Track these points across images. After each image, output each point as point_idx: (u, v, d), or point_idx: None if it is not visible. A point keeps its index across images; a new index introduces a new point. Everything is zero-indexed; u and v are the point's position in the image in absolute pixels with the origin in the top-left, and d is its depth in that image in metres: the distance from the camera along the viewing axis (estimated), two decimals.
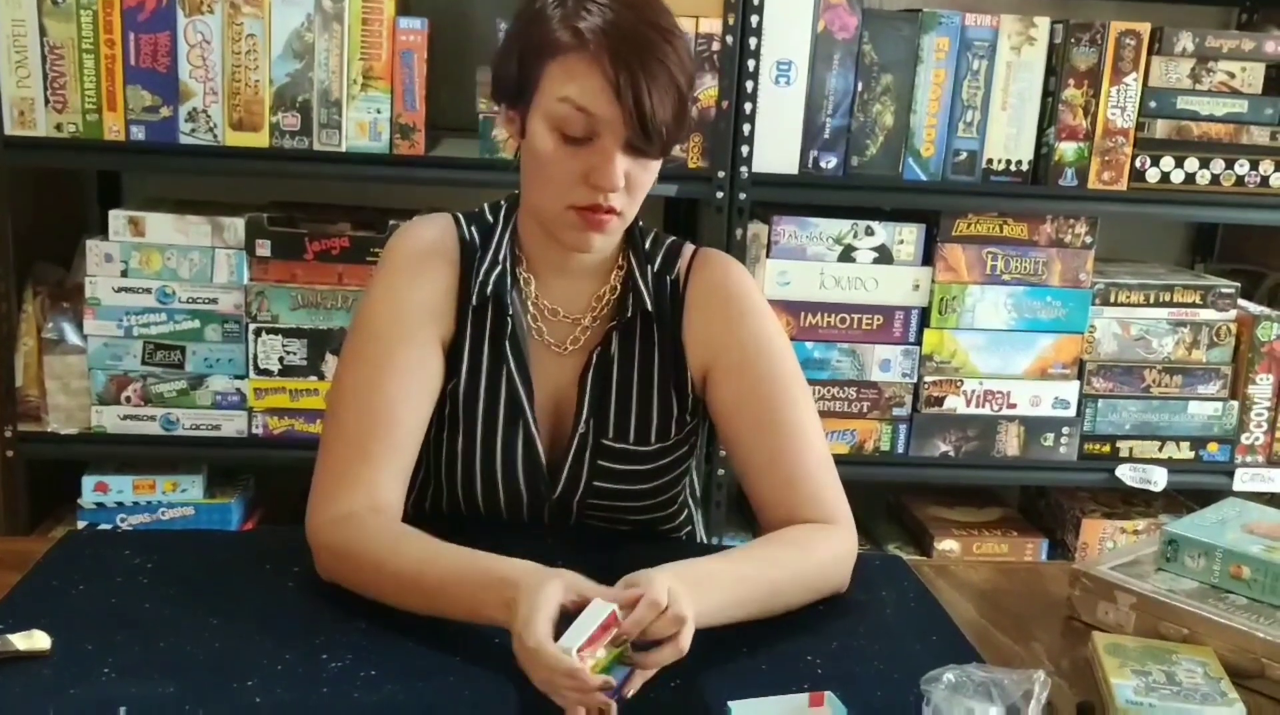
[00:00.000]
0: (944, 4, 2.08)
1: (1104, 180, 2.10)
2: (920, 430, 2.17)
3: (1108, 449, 2.22)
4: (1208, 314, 2.21)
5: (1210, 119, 2.09)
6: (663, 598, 0.98)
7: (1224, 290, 2.21)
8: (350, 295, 2.01)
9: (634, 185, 1.17)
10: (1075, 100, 2.07)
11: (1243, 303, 2.26)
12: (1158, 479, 2.21)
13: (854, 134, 2.05)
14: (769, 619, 1.15)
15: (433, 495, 1.33)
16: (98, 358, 2.00)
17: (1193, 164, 2.10)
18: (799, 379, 1.28)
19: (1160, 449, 2.22)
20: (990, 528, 2.36)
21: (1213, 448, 2.23)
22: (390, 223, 1.97)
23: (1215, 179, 2.12)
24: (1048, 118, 2.08)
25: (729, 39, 1.96)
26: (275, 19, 1.90)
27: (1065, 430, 2.19)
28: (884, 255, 2.11)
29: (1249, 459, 2.24)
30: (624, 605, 0.98)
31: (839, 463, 1.89)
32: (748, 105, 1.99)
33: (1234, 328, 2.21)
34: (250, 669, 1.04)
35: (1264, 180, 2.12)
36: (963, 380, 2.16)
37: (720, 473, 2.11)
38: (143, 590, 1.19)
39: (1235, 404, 2.22)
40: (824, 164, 2.05)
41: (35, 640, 1.05)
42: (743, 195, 2.02)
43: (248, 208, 2.03)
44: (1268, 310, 2.25)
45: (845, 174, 2.06)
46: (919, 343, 2.15)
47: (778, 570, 1.16)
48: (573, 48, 1.12)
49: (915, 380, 2.16)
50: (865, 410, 2.16)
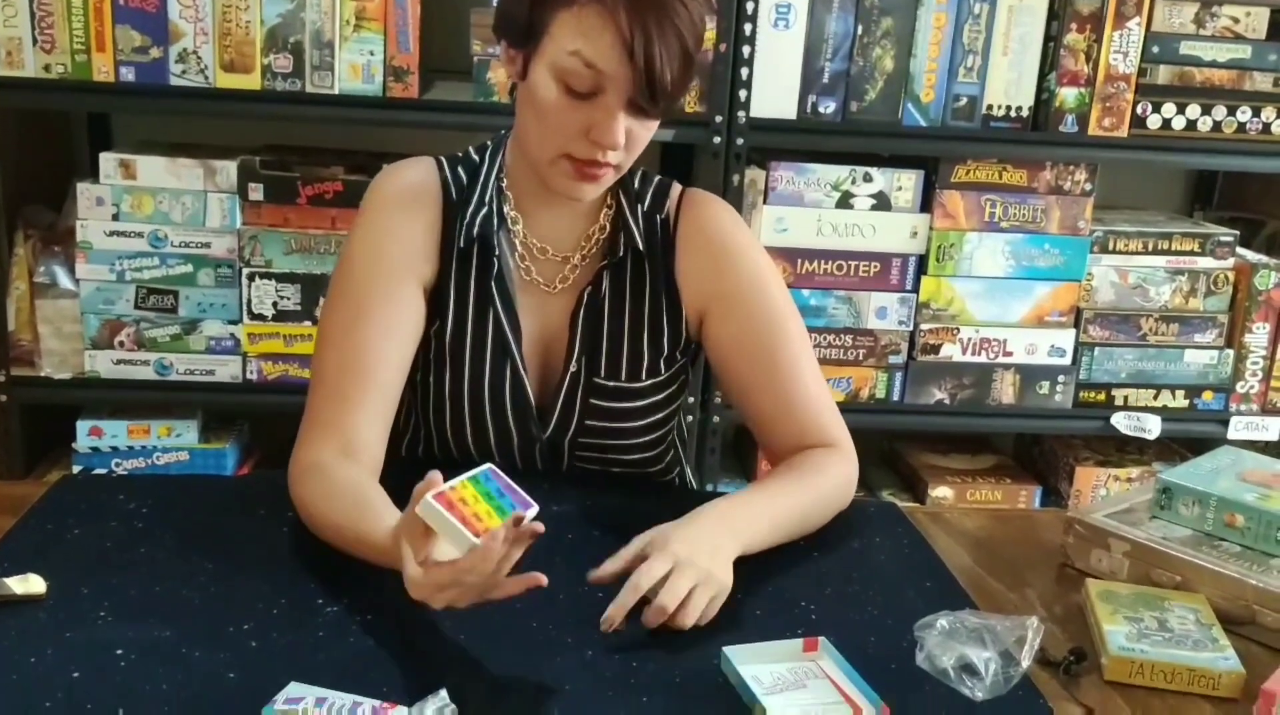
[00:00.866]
0: None
1: (1104, 127, 2.08)
2: (916, 378, 2.17)
3: (1103, 397, 2.22)
4: (1206, 262, 2.20)
5: (1213, 65, 2.07)
6: (656, 573, 1.03)
7: (1222, 238, 2.20)
8: (344, 239, 1.98)
9: (632, 141, 1.17)
10: (1077, 45, 2.04)
11: (1241, 251, 2.25)
12: (1152, 427, 2.21)
13: (853, 78, 2.02)
14: (762, 565, 1.16)
15: (424, 439, 1.34)
16: (90, 302, 1.98)
17: (1194, 110, 2.08)
18: (793, 312, 1.31)
19: (1155, 397, 2.22)
20: (984, 475, 2.37)
21: (1208, 396, 2.23)
22: (384, 166, 1.94)
23: (1217, 126, 2.10)
24: (1049, 63, 2.06)
25: None
26: None
27: (1061, 378, 2.19)
28: (882, 202, 2.10)
29: (1243, 407, 2.25)
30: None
31: None
32: (746, 49, 1.97)
33: (1231, 276, 2.21)
34: (246, 613, 1.04)
35: (1266, 127, 2.10)
36: (959, 328, 2.15)
37: (715, 421, 2.11)
38: (138, 534, 1.19)
39: (1231, 352, 2.22)
40: (822, 109, 2.03)
41: (31, 584, 1.05)
42: (740, 141, 2.00)
43: (239, 151, 2.01)
44: (1266, 258, 2.24)
45: (844, 119, 2.04)
46: (916, 290, 2.14)
47: (805, 496, 1.23)
48: (589, 0, 1.10)
49: (911, 328, 2.16)
50: (861, 357, 2.15)
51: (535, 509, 0.95)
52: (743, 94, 1.98)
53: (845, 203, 2.08)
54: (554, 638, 1.02)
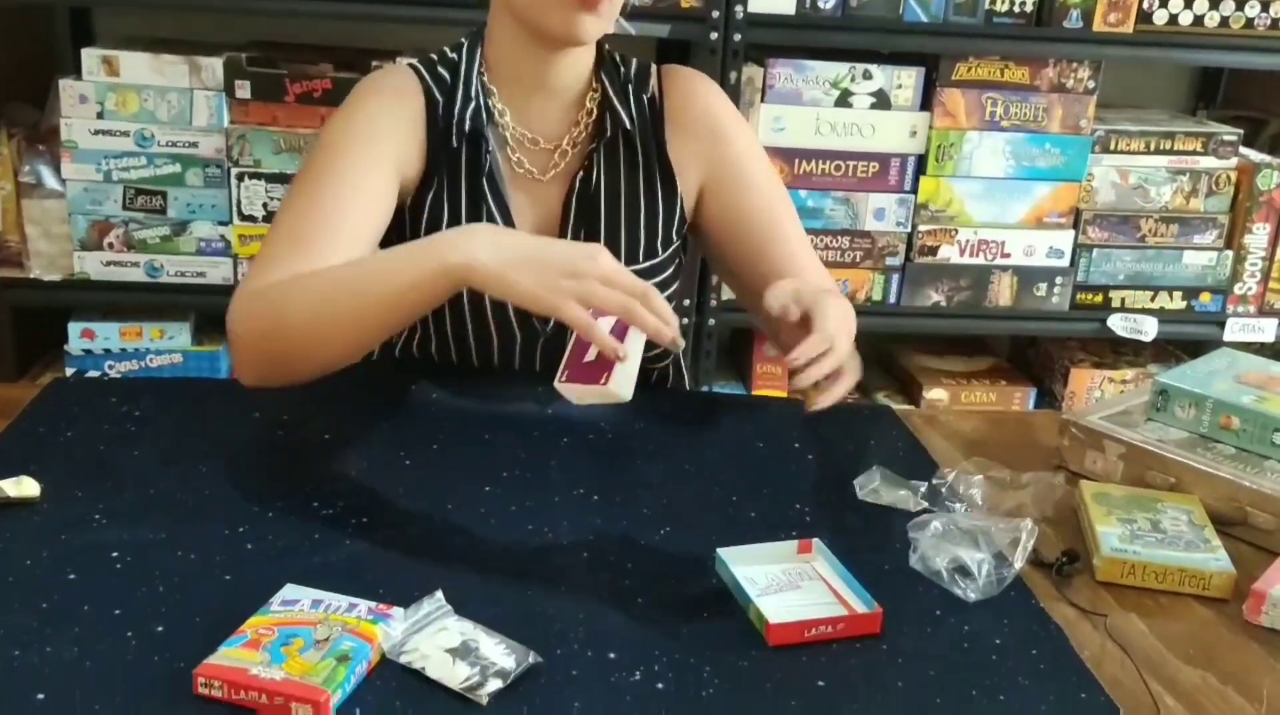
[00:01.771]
0: None
1: (1109, 22, 2.04)
2: (913, 280, 2.15)
3: (1100, 299, 2.21)
4: (1208, 162, 2.17)
5: None
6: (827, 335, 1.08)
7: (1226, 137, 2.17)
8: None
9: None
10: None
11: (1244, 150, 2.22)
12: (1148, 329, 2.20)
13: None
14: (757, 468, 1.16)
15: (420, 341, 1.32)
16: (77, 202, 1.96)
17: (1202, 5, 2.04)
18: (778, 182, 1.34)
19: (1153, 299, 2.21)
20: (979, 377, 2.37)
21: (1205, 298, 2.22)
22: (373, 64, 1.91)
23: (1224, 21, 2.05)
24: None
25: None
26: None
27: (1058, 280, 2.18)
28: (881, 100, 2.06)
29: (1240, 309, 2.24)
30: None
31: None
32: None
33: (1234, 176, 2.18)
34: (241, 515, 1.04)
35: (1274, 23, 2.06)
36: (957, 229, 2.13)
37: (711, 323, 2.10)
38: (131, 437, 1.18)
39: (1230, 254, 2.20)
40: (822, 4, 1.98)
41: (24, 487, 1.05)
42: (737, 36, 1.96)
43: (225, 48, 1.96)
44: (1268, 158, 2.21)
45: (844, 15, 1.99)
46: (914, 191, 2.11)
47: None
48: None
49: (909, 229, 2.13)
50: (858, 259, 2.14)
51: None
52: None
53: (844, 101, 2.05)
54: (549, 540, 1.02)
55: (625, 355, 0.97)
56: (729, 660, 0.88)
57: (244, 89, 1.92)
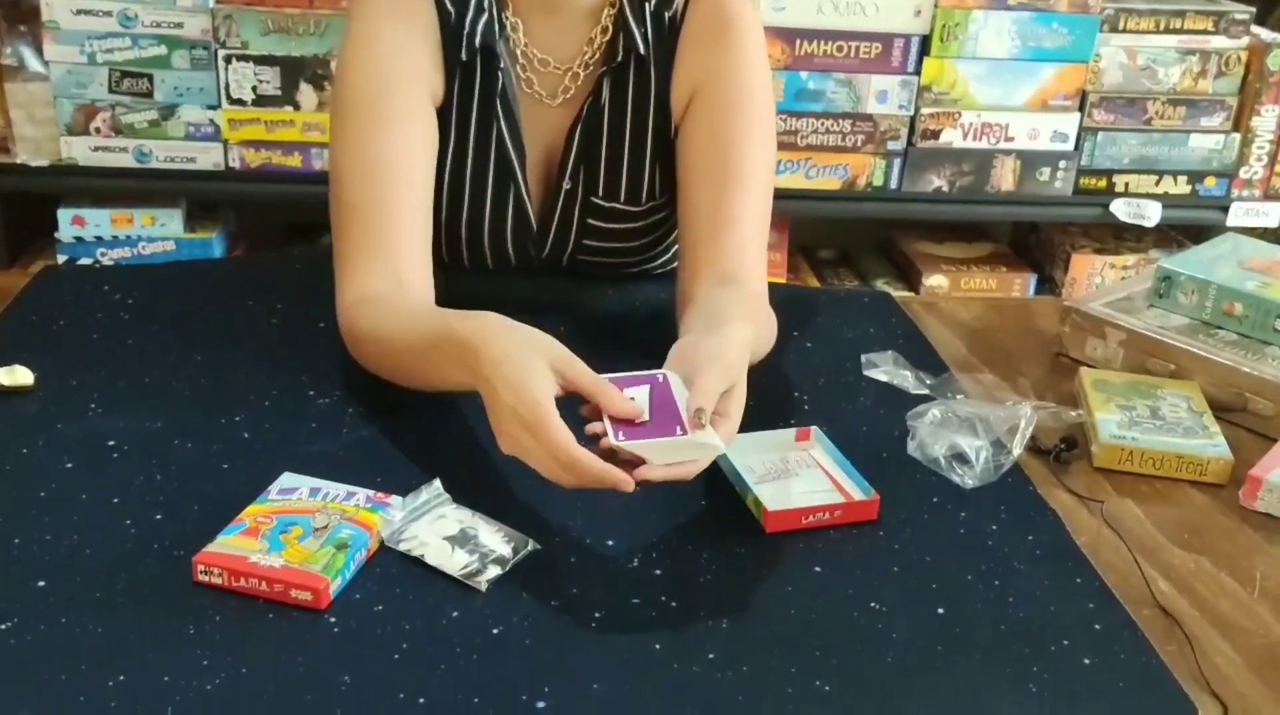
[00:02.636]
0: None
1: None
2: (914, 165, 2.12)
3: (1104, 183, 2.18)
4: (1219, 41, 2.12)
5: None
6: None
7: (1238, 16, 2.11)
8: (324, 20, 1.90)
9: None
10: None
11: (1255, 30, 2.16)
12: (1151, 214, 2.18)
13: None
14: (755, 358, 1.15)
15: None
16: (62, 86, 1.91)
17: None
18: (767, 128, 1.19)
19: (1157, 183, 2.19)
20: (979, 263, 2.35)
21: (1210, 182, 2.19)
22: None
23: None
24: None
25: None
26: None
27: (1062, 164, 2.15)
28: None
29: (1246, 193, 2.21)
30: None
31: (830, 198, 1.87)
32: None
33: (1244, 56, 2.13)
34: (237, 404, 1.04)
35: None
36: (961, 112, 2.09)
37: None
38: (124, 326, 1.18)
39: (1237, 137, 2.17)
40: None
41: (18, 376, 1.05)
42: None
43: None
44: None
45: None
46: (918, 73, 2.07)
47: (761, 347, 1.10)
48: None
49: (912, 112, 2.09)
50: (859, 144, 2.10)
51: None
52: None
53: None
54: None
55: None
56: (726, 547, 0.89)
57: None
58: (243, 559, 0.81)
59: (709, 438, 0.84)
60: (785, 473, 0.97)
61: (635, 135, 1.20)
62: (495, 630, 0.79)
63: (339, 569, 0.81)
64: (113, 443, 0.97)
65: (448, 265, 1.24)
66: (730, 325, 0.96)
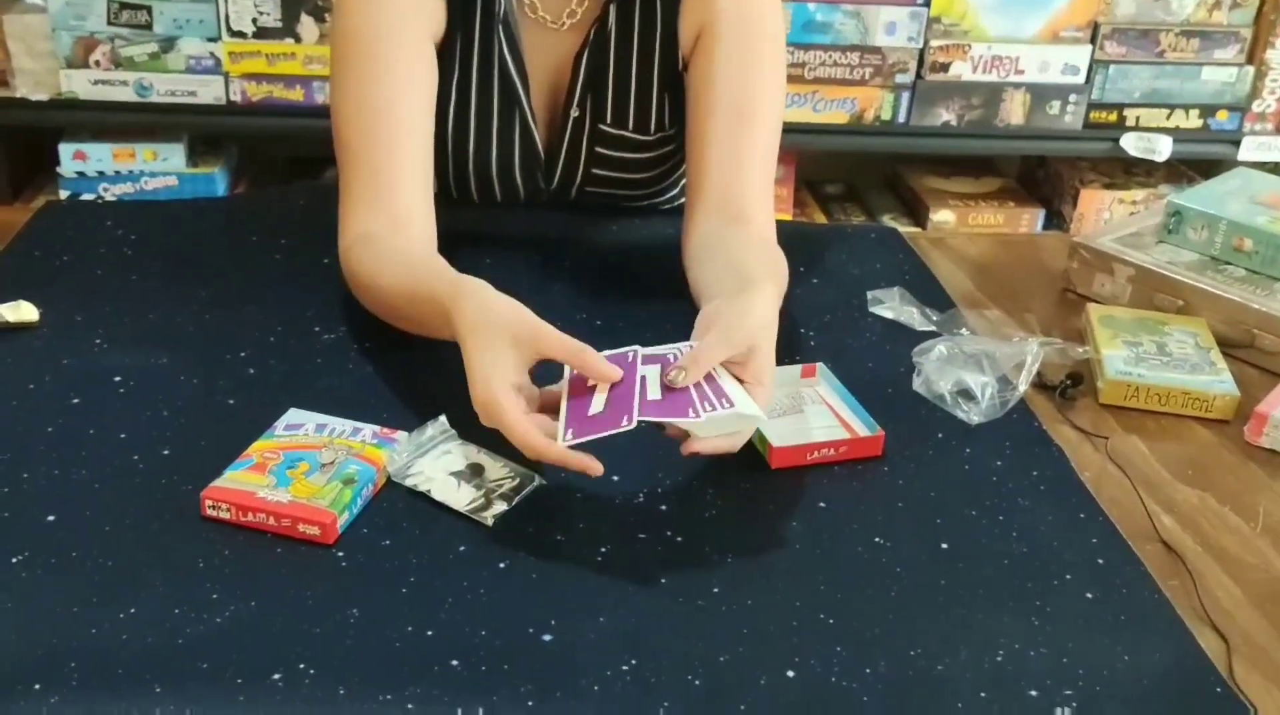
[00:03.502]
0: None
1: None
2: (923, 98, 2.10)
3: (1114, 117, 2.16)
4: None
5: None
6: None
7: None
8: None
9: None
10: None
11: None
12: (1162, 148, 2.16)
13: None
14: None
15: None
16: (60, 18, 1.89)
17: None
18: (777, 63, 1.17)
19: (1168, 117, 2.16)
20: (987, 198, 2.34)
21: (1222, 116, 2.17)
22: None
23: None
24: None
25: None
26: None
27: (1072, 98, 2.13)
28: None
29: (1258, 127, 2.19)
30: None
31: (837, 133, 1.85)
32: None
33: None
34: (242, 340, 1.04)
35: None
36: (970, 44, 2.07)
37: None
38: (128, 262, 1.17)
39: (1250, 69, 2.14)
40: None
41: (23, 311, 1.05)
42: None
43: None
44: None
45: None
46: (927, 4, 2.04)
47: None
48: None
49: (921, 45, 2.07)
50: (867, 77, 2.08)
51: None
52: None
53: None
54: (551, 367, 1.01)
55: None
56: (732, 483, 0.89)
57: None
58: (250, 494, 0.81)
59: (750, 408, 0.83)
60: (790, 409, 0.96)
61: (643, 64, 1.18)
62: (501, 564, 0.79)
63: (346, 504, 0.82)
64: (118, 379, 0.97)
65: (456, 200, 1.23)
66: (754, 291, 0.92)
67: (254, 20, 1.91)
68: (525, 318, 0.87)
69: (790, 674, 0.71)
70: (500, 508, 0.84)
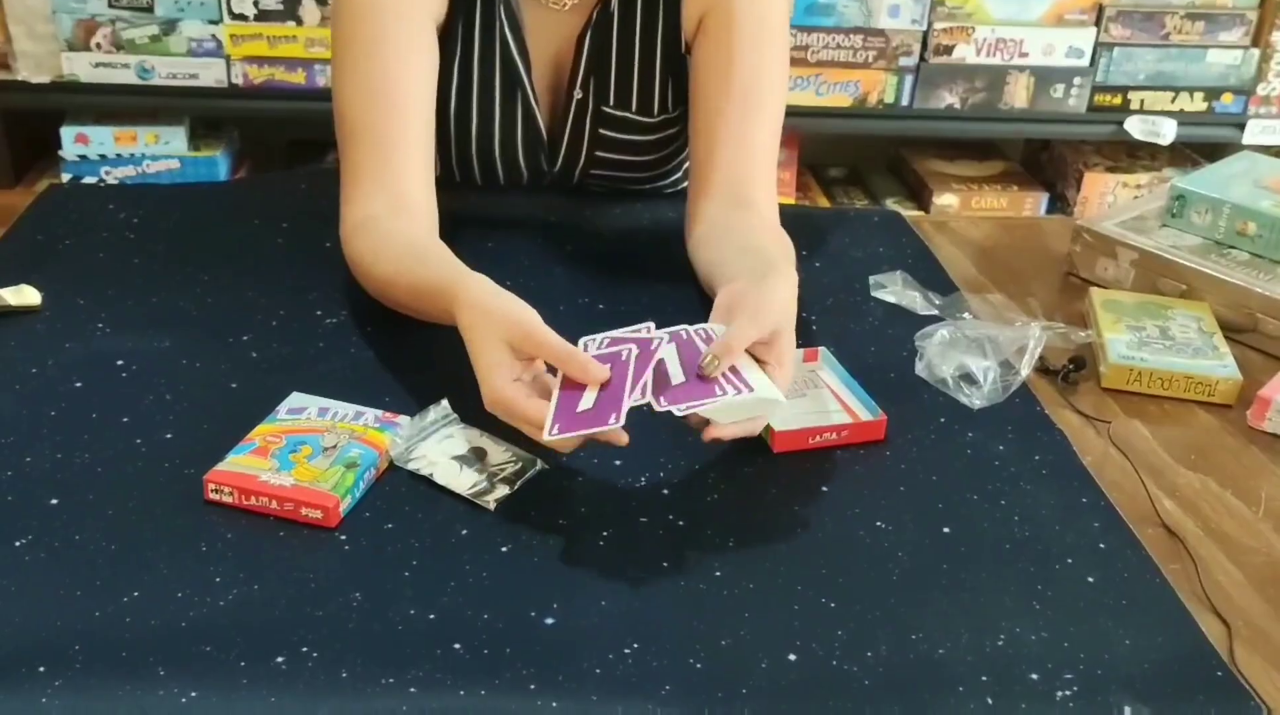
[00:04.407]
0: None
1: None
2: (926, 81, 2.09)
3: (1118, 100, 2.15)
4: None
5: None
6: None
7: None
8: None
9: None
10: None
11: None
12: (1166, 131, 2.15)
13: None
14: None
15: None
16: (61, 0, 1.89)
17: None
18: (781, 48, 1.17)
19: (1173, 100, 2.15)
20: (990, 182, 2.34)
21: (1227, 99, 2.16)
22: None
23: None
24: None
25: None
26: None
27: (1077, 80, 2.12)
28: None
29: (1263, 110, 2.18)
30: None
31: (840, 116, 1.85)
32: None
33: None
34: (244, 324, 1.04)
35: None
36: (974, 27, 2.06)
37: None
38: (130, 246, 1.17)
39: (1256, 52, 2.13)
40: None
41: (25, 295, 1.05)
42: None
43: None
44: None
45: None
46: None
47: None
48: None
49: (925, 27, 2.06)
50: (870, 60, 2.07)
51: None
52: None
53: None
54: None
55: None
56: (734, 467, 0.89)
57: None
58: (253, 477, 0.81)
59: (770, 392, 0.83)
60: (793, 393, 0.96)
61: (645, 46, 1.18)
62: (504, 548, 0.79)
63: (349, 487, 0.82)
64: (121, 362, 0.97)
65: (459, 183, 1.23)
66: (777, 274, 0.92)
67: (255, 3, 1.90)
68: (519, 318, 0.86)
69: (791, 657, 0.71)
70: (502, 492, 0.84)
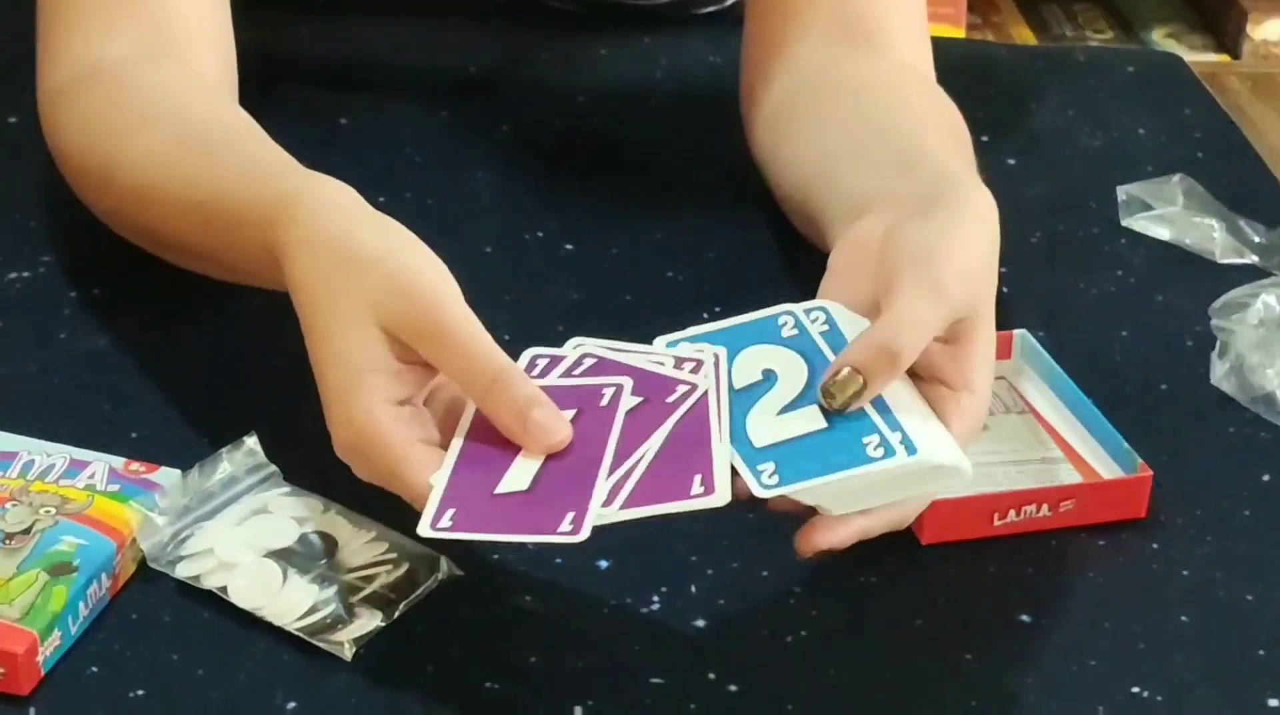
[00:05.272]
0: None
1: None
2: None
3: None
4: None
5: None
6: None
7: None
8: None
9: None
10: None
11: None
12: None
13: None
14: None
15: None
16: None
17: None
18: None
19: None
20: None
21: None
22: None
23: None
24: None
25: None
26: None
27: None
28: None
29: None
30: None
31: None
32: None
33: None
34: None
35: None
36: None
37: None
38: None
39: None
40: None
41: None
42: None
43: None
44: None
45: None
46: None
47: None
48: None
49: None
50: None
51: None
52: None
53: None
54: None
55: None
56: (837, 570, 0.83)
57: None
58: None
59: (944, 452, 0.72)
60: None
61: None
62: None
63: (56, 616, 0.74)
64: None
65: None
66: (956, 201, 0.84)
67: None
68: (415, 278, 0.79)
69: None
70: (369, 624, 0.76)
